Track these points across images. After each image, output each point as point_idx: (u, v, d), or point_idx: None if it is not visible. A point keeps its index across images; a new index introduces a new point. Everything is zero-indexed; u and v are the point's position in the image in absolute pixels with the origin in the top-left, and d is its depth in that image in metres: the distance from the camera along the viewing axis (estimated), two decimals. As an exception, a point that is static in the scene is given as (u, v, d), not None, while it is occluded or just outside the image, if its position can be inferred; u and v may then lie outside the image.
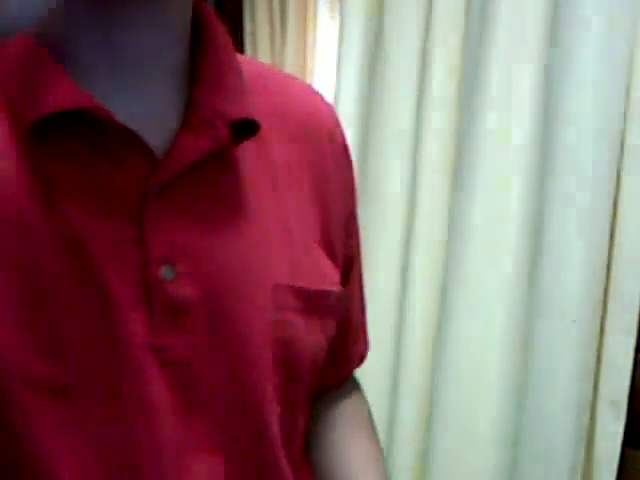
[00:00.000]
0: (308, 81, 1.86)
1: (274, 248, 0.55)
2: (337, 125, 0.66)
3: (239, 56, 0.58)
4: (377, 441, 0.70)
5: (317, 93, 0.67)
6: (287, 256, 0.56)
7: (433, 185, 1.42)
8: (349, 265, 0.67)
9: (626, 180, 1.24)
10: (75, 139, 0.48)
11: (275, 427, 0.55)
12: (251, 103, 0.54)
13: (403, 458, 1.45)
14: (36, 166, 0.47)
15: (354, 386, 0.75)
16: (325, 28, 1.83)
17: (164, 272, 0.49)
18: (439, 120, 1.41)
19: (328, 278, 0.60)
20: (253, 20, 1.90)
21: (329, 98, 0.68)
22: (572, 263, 1.22)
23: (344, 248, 0.65)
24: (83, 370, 0.47)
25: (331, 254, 0.62)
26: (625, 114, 1.23)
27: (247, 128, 0.53)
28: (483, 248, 1.33)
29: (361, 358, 0.73)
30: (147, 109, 0.52)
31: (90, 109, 0.47)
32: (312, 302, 0.57)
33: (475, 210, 1.33)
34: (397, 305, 1.45)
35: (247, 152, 0.55)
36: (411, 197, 1.44)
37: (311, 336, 0.57)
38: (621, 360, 1.25)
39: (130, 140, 0.49)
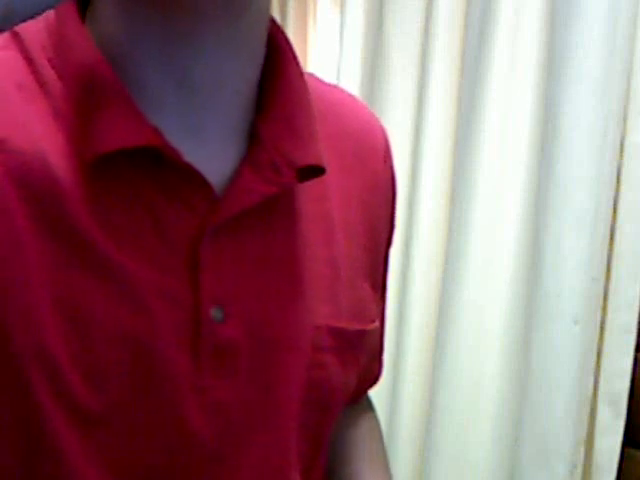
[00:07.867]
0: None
1: (319, 288, 0.54)
2: (389, 146, 0.64)
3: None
4: (389, 472, 0.70)
5: (372, 113, 0.65)
6: (330, 296, 0.55)
7: (433, 181, 1.42)
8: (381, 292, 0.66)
9: (626, 180, 1.24)
10: (134, 170, 0.47)
11: (296, 464, 0.54)
12: (320, 147, 0.52)
13: (403, 457, 1.46)
14: (95, 195, 0.46)
15: (367, 404, 0.74)
16: (325, 26, 1.82)
17: (214, 312, 0.48)
18: (440, 118, 1.41)
19: (368, 315, 0.59)
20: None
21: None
22: (572, 263, 1.22)
23: (382, 275, 0.64)
24: (120, 403, 0.46)
25: (375, 284, 0.61)
26: (625, 114, 1.23)
27: (311, 170, 0.52)
28: (483, 248, 1.33)
29: (375, 379, 0.72)
30: (209, 139, 0.49)
31: (159, 147, 0.45)
32: (350, 342, 0.56)
33: (475, 209, 1.33)
34: (397, 305, 1.45)
35: (303, 189, 0.53)
36: (411, 193, 1.44)
37: (344, 374, 0.56)
38: (621, 360, 1.26)
39: (192, 177, 0.47)
